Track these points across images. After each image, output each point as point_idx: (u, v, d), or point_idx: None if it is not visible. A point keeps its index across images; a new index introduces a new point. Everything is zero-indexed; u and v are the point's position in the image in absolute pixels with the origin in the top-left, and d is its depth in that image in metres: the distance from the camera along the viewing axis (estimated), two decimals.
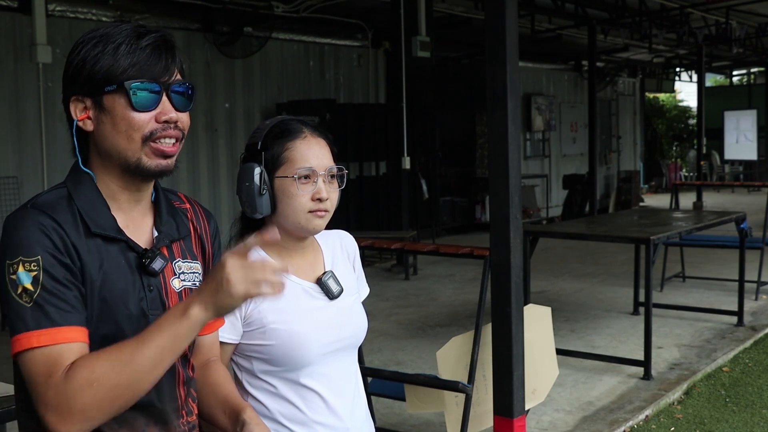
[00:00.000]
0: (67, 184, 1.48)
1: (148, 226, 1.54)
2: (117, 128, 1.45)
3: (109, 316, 1.43)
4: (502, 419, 3.69)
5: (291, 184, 1.79)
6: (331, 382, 1.84)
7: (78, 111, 1.47)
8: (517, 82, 3.63)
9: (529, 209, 14.06)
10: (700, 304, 7.37)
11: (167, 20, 9.23)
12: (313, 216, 1.81)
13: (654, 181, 21.66)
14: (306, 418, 1.81)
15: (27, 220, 1.40)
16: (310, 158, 1.81)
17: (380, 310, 7.50)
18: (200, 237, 1.64)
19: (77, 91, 1.46)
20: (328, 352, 1.83)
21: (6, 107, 7.93)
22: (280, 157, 1.81)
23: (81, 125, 1.47)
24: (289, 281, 1.82)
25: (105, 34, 1.46)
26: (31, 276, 1.36)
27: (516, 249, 3.64)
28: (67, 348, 1.36)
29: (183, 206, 1.63)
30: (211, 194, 9.87)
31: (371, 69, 11.93)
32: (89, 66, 1.44)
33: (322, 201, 1.81)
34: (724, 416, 4.86)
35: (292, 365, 1.80)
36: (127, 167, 1.47)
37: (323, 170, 1.81)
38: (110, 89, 1.44)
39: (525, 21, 12.01)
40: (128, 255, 1.47)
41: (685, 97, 26.56)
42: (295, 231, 1.84)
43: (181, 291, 1.55)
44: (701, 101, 16.27)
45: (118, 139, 1.45)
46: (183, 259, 1.57)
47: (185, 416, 1.56)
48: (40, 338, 1.35)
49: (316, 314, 1.83)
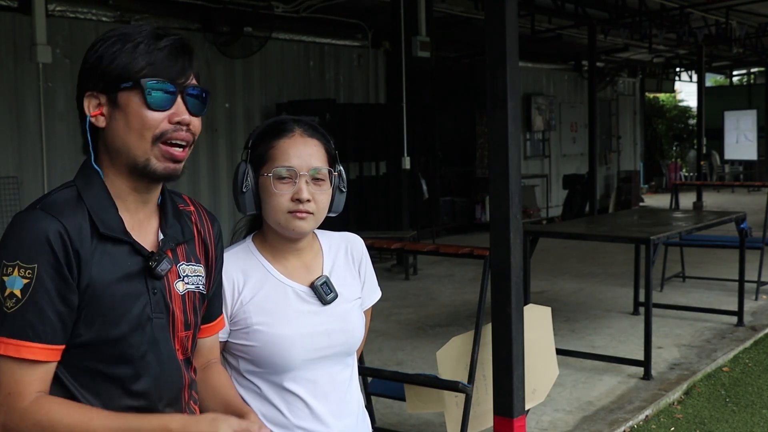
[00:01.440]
0: (76, 182, 1.47)
1: (153, 228, 1.54)
2: (130, 125, 1.45)
3: (113, 319, 1.43)
4: (502, 419, 3.69)
5: (269, 183, 1.77)
6: (317, 388, 1.80)
7: (91, 107, 1.46)
8: (517, 82, 3.63)
9: (529, 209, 14.06)
10: (700, 304, 7.37)
11: (167, 20, 9.23)
12: (293, 217, 1.77)
13: (654, 181, 21.65)
14: (288, 422, 1.79)
15: (33, 224, 1.39)
16: (292, 157, 1.78)
17: (380, 310, 7.49)
18: (204, 240, 1.64)
19: (92, 86, 1.46)
20: (314, 358, 1.79)
21: (6, 107, 7.93)
22: (264, 155, 1.80)
23: (93, 121, 1.46)
24: (279, 282, 1.81)
25: (124, 33, 1.47)
26: (23, 283, 1.36)
27: (516, 249, 3.64)
28: (32, 370, 1.37)
29: (187, 209, 1.63)
30: (211, 194, 9.87)
31: (371, 69, 11.93)
32: (106, 62, 1.45)
33: (302, 202, 1.76)
34: (724, 416, 4.86)
35: (275, 368, 1.77)
36: (135, 167, 1.46)
37: (305, 170, 1.77)
38: (126, 86, 1.44)
39: (525, 21, 12.00)
40: (134, 258, 1.47)
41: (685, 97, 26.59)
42: (279, 231, 1.82)
43: (184, 294, 1.55)
44: (701, 101, 16.27)
45: (129, 137, 1.45)
46: (187, 263, 1.57)
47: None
48: (9, 348, 1.35)
49: (304, 319, 1.80)
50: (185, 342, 1.56)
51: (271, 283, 1.81)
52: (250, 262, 1.82)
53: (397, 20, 9.40)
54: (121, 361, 1.44)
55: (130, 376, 1.45)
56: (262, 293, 1.79)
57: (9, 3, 7.84)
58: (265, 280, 1.81)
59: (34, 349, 1.36)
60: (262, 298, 1.78)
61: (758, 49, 16.42)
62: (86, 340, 1.41)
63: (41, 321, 1.36)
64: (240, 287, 1.78)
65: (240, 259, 1.82)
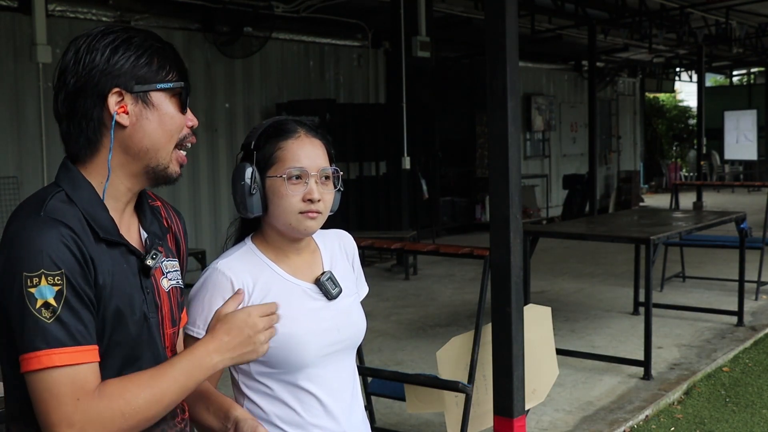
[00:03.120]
0: (63, 186, 1.43)
1: (135, 226, 1.53)
2: (164, 126, 1.45)
3: (122, 321, 1.42)
4: (502, 419, 3.69)
5: (281, 185, 1.76)
6: (329, 384, 1.82)
7: (115, 104, 1.43)
8: (517, 82, 3.63)
9: (529, 209, 14.06)
10: (700, 304, 7.37)
11: (167, 20, 9.23)
12: (304, 217, 1.78)
13: (654, 181, 21.66)
14: (303, 420, 1.79)
15: (45, 231, 1.35)
16: (302, 158, 1.78)
17: (380, 310, 7.50)
18: (174, 234, 1.64)
19: (123, 84, 1.42)
20: (327, 354, 1.81)
21: (6, 107, 7.93)
22: (271, 157, 1.78)
23: (119, 119, 1.43)
24: (286, 282, 1.82)
25: (131, 36, 1.46)
26: (55, 290, 1.32)
27: (516, 249, 3.64)
28: (90, 370, 1.35)
29: (155, 204, 1.62)
30: (210, 194, 9.87)
31: (371, 69, 11.93)
32: (143, 61, 1.43)
33: (314, 202, 1.77)
34: (724, 416, 4.86)
35: (289, 367, 1.78)
36: (155, 169, 1.47)
37: (315, 171, 1.78)
38: (163, 87, 1.44)
39: (525, 21, 12.01)
40: (129, 258, 1.46)
41: (685, 97, 26.56)
42: (287, 232, 1.81)
43: (169, 290, 1.55)
44: (701, 101, 16.27)
45: (160, 137, 1.45)
46: (167, 258, 1.57)
47: (179, 414, 1.57)
48: (63, 357, 1.32)
49: (315, 315, 1.81)
50: (173, 338, 1.57)
51: (279, 283, 1.81)
52: (256, 264, 1.82)
53: (397, 20, 9.40)
54: (127, 363, 1.44)
55: None
56: (272, 294, 1.79)
57: (9, 3, 7.85)
58: (272, 281, 1.81)
59: (86, 352, 1.35)
60: (272, 298, 1.78)
61: (758, 49, 16.43)
62: (103, 343, 1.40)
63: (83, 323, 1.34)
64: (250, 289, 1.78)
65: (245, 262, 1.81)
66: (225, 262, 1.80)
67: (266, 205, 1.79)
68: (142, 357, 1.46)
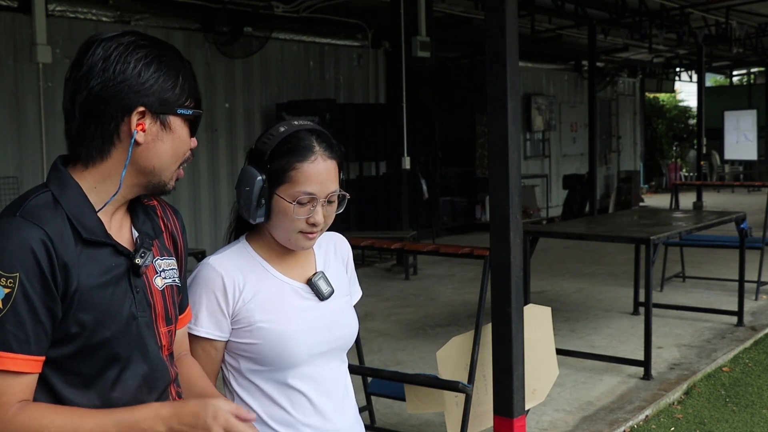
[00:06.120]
0: (50, 186, 1.44)
1: (127, 226, 1.54)
2: (174, 149, 1.48)
3: (103, 322, 1.42)
4: (502, 419, 3.69)
5: (288, 206, 1.77)
6: (319, 383, 1.83)
7: (136, 121, 1.44)
8: (517, 82, 3.63)
9: (529, 209, 14.06)
10: (700, 304, 7.37)
11: (167, 20, 9.23)
12: (303, 237, 1.80)
13: (654, 181, 21.66)
14: (293, 419, 1.80)
15: (15, 232, 1.35)
16: (313, 183, 1.76)
17: (380, 310, 7.50)
18: (171, 233, 1.64)
19: (148, 103, 1.44)
20: (317, 353, 1.82)
21: (6, 107, 7.93)
22: (284, 175, 1.77)
23: (137, 138, 1.44)
24: (278, 280, 1.84)
25: (160, 53, 1.48)
26: (4, 292, 1.32)
27: (516, 249, 3.64)
28: (16, 381, 1.34)
29: (151, 203, 1.62)
30: (210, 195, 9.86)
31: (371, 69, 11.93)
32: (167, 84, 1.46)
33: (316, 226, 1.79)
34: (724, 416, 4.86)
35: (280, 365, 1.79)
36: (155, 186, 1.50)
37: (324, 196, 1.78)
38: (183, 113, 1.48)
39: (525, 21, 12.01)
40: (117, 258, 1.46)
41: (685, 97, 26.57)
42: (284, 243, 1.84)
43: (163, 289, 1.55)
44: (701, 101, 16.26)
45: (168, 159, 1.48)
46: (161, 257, 1.57)
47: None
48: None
49: (305, 314, 1.82)
50: (168, 337, 1.57)
51: (270, 281, 1.83)
52: (248, 262, 1.84)
53: (397, 20, 9.40)
54: (111, 362, 1.44)
55: (119, 376, 1.45)
56: (264, 292, 1.81)
57: (9, 3, 7.84)
58: (264, 279, 1.83)
59: (17, 360, 1.34)
60: (263, 296, 1.81)
61: (758, 49, 16.42)
62: (77, 344, 1.40)
63: (23, 331, 1.33)
64: (241, 286, 1.80)
65: (237, 260, 1.83)
66: (217, 258, 1.82)
67: (269, 214, 1.80)
68: (129, 356, 1.46)
